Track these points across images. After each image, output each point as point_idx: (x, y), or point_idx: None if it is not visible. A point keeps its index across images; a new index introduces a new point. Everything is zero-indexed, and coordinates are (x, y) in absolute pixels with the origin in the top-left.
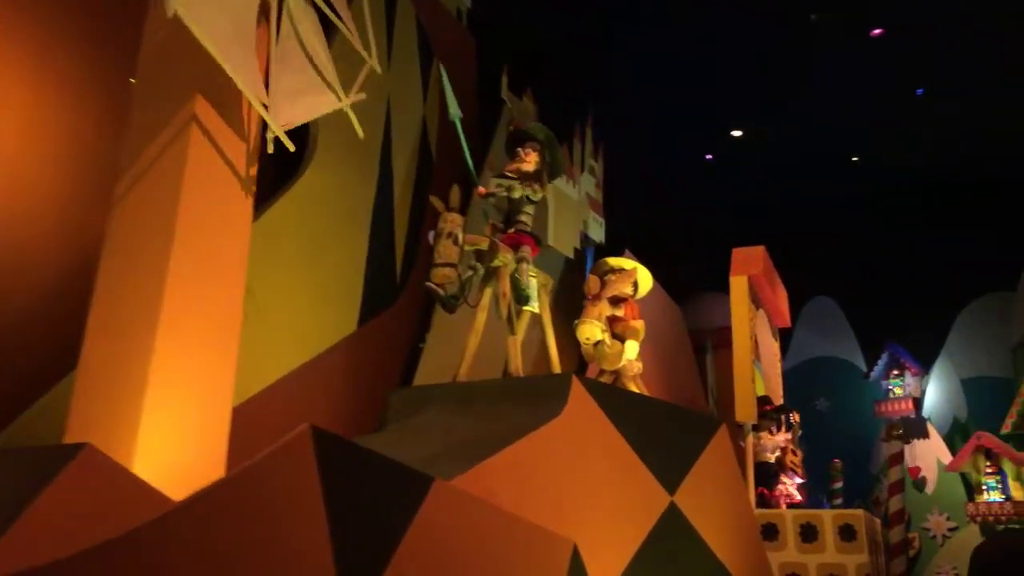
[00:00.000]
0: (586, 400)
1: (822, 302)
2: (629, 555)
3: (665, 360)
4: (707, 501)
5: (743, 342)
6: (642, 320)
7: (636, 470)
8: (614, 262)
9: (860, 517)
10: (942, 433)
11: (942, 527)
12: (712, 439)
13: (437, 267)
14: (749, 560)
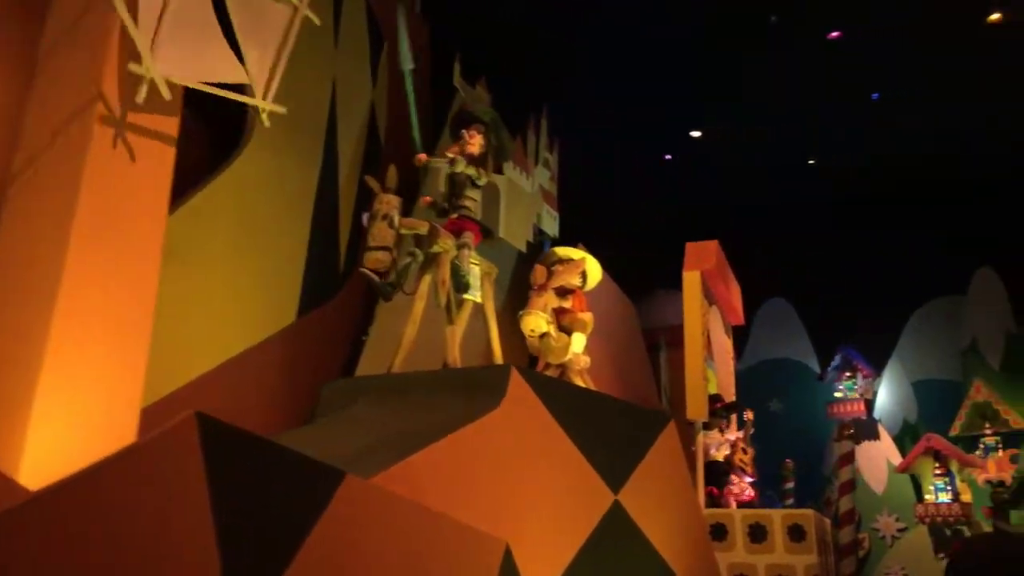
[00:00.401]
0: (526, 393)
1: (777, 304)
2: (570, 556)
3: (618, 357)
4: (653, 500)
5: (695, 338)
6: (590, 313)
7: (578, 467)
8: (562, 252)
9: (810, 517)
10: (892, 435)
11: (891, 528)
12: (660, 436)
13: (370, 251)
14: (696, 561)
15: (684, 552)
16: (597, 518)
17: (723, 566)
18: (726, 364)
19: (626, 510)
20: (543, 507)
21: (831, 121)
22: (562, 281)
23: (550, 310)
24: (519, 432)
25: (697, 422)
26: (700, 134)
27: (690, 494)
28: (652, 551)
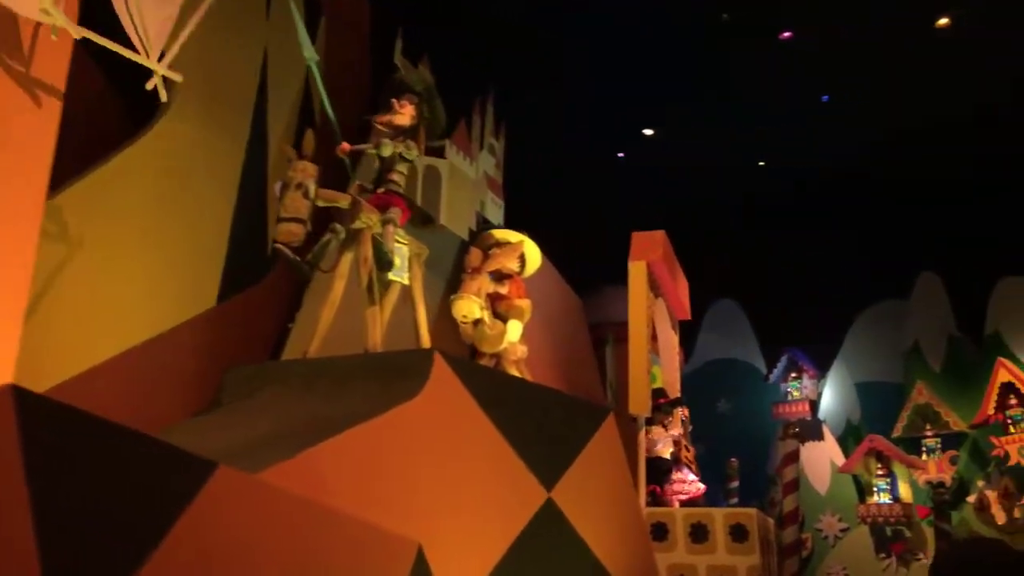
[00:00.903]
0: (450, 380)
1: (725, 305)
2: (496, 558)
3: (562, 351)
4: (590, 498)
5: (639, 330)
6: (528, 300)
7: (508, 462)
8: (499, 235)
9: (752, 516)
10: (836, 435)
11: (834, 528)
12: (598, 431)
13: (282, 222)
14: (634, 562)
15: (622, 553)
16: (527, 517)
17: (663, 567)
18: (672, 359)
19: (560, 509)
20: (467, 505)
21: (781, 123)
22: (498, 265)
23: (484, 295)
24: (441, 423)
25: (640, 417)
26: (652, 133)
27: (630, 492)
28: (587, 552)
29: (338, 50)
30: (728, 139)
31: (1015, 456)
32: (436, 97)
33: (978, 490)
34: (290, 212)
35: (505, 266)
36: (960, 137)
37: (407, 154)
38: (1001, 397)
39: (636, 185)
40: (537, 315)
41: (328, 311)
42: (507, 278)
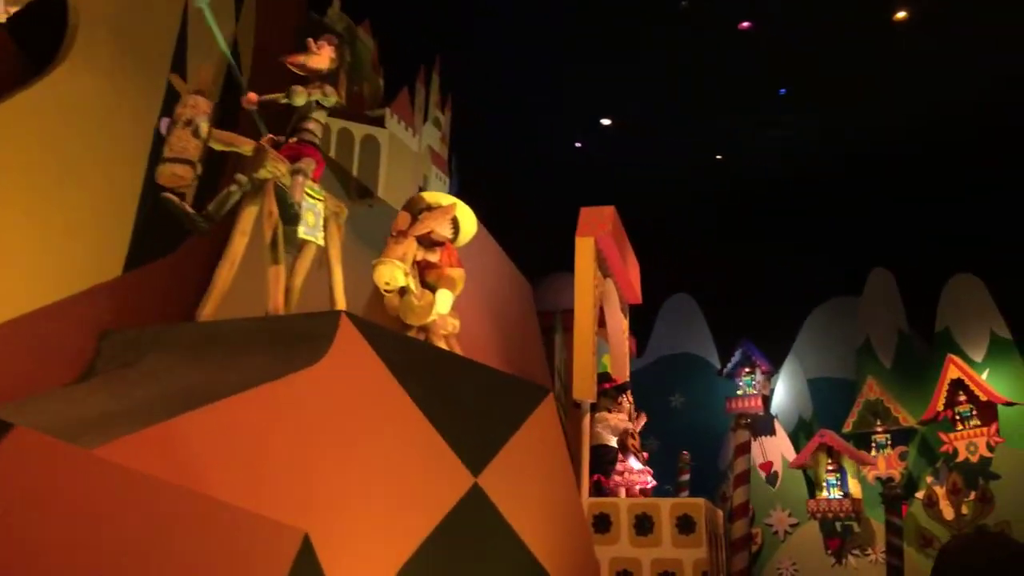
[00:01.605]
0: (359, 347)
1: (681, 299)
2: (410, 550)
3: (509, 336)
4: (523, 485)
5: (586, 310)
6: (462, 269)
7: (428, 443)
8: (431, 197)
9: (700, 507)
10: (788, 431)
11: (784, 523)
12: (534, 413)
13: (165, 163)
14: (572, 556)
15: (557, 545)
16: (450, 504)
17: (605, 561)
18: (620, 343)
19: (488, 496)
20: (378, 489)
21: (739, 115)
22: (427, 229)
23: (411, 262)
24: (346, 395)
25: (584, 402)
26: (610, 123)
27: (568, 480)
28: (518, 544)
29: (274, 13)
30: (686, 131)
31: (963, 452)
32: (359, 39)
33: (927, 486)
34: (175, 151)
35: (436, 231)
36: (915, 134)
37: (324, 101)
38: (950, 394)
39: (592, 175)
40: (483, 297)
41: (226, 271)
42: (438, 245)
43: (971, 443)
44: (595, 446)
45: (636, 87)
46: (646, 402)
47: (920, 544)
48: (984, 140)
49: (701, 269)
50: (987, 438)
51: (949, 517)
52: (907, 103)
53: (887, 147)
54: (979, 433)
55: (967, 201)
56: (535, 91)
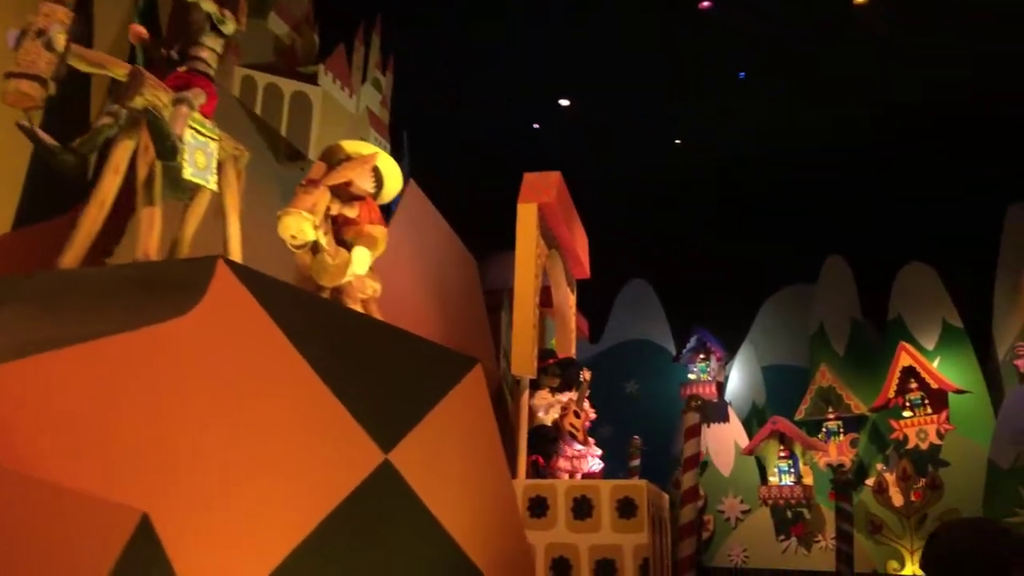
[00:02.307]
0: (239, 300)
1: (638, 285)
2: (301, 533)
3: (454, 313)
4: (443, 463)
5: (527, 279)
6: (384, 227)
7: (329, 413)
8: (350, 147)
9: (642, 489)
10: (741, 418)
11: (736, 509)
12: (459, 384)
13: (10, 78)
14: (500, 539)
15: (484, 529)
16: (353, 483)
17: (541, 547)
18: (567, 318)
19: (400, 474)
20: (257, 464)
21: (699, 100)
22: (344, 179)
23: (323, 214)
24: (222, 354)
25: (523, 379)
26: (568, 103)
27: (496, 459)
28: (436, 527)
29: None
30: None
31: (913, 439)
32: None
33: (877, 473)
34: (23, 66)
35: (356, 184)
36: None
37: (222, 26)
38: (902, 381)
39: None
40: (426, 272)
41: (94, 213)
42: (358, 200)
43: (921, 430)
44: (535, 426)
45: (595, 68)
46: (601, 389)
47: (869, 530)
48: (940, 130)
49: (658, 255)
50: (937, 425)
51: (898, 504)
52: (865, 92)
53: (844, 136)
54: (929, 420)
55: (922, 190)
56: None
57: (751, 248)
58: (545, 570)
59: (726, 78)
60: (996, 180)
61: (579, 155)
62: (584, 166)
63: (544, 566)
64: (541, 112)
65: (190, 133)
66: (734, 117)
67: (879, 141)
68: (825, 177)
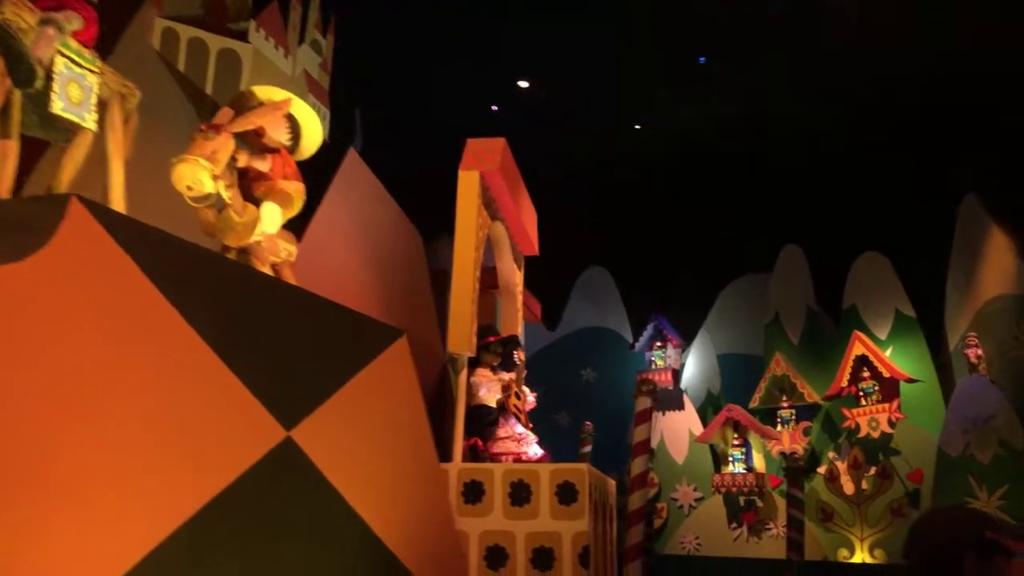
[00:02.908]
0: (97, 244)
1: (596, 272)
2: (181, 517)
3: (396, 289)
4: (359, 444)
5: (467, 250)
6: (301, 184)
7: (213, 380)
8: (263, 93)
9: (583, 473)
10: (696, 405)
11: (689, 497)
12: (379, 356)
13: None
14: (424, 525)
15: (404, 514)
16: (245, 463)
17: (475, 535)
18: (513, 296)
19: (306, 454)
20: (114, 439)
21: (659, 85)
22: (251, 126)
23: (226, 165)
24: (72, 306)
25: (461, 356)
26: (528, 85)
27: (422, 439)
28: (350, 514)
29: None
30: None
31: (865, 428)
32: None
33: (828, 461)
34: None
35: (267, 134)
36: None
37: None
38: (855, 370)
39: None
40: (369, 247)
41: None
42: (271, 153)
43: (873, 419)
44: (473, 407)
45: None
46: (558, 376)
47: (820, 518)
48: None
49: (617, 242)
50: (888, 414)
51: (849, 492)
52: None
53: (803, 124)
54: (881, 409)
55: (879, 180)
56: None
57: (709, 236)
58: (479, 559)
59: (687, 63)
60: (952, 171)
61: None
62: (543, 150)
63: (478, 555)
64: (500, 93)
65: (63, 62)
66: (694, 103)
67: (837, 130)
68: (784, 166)
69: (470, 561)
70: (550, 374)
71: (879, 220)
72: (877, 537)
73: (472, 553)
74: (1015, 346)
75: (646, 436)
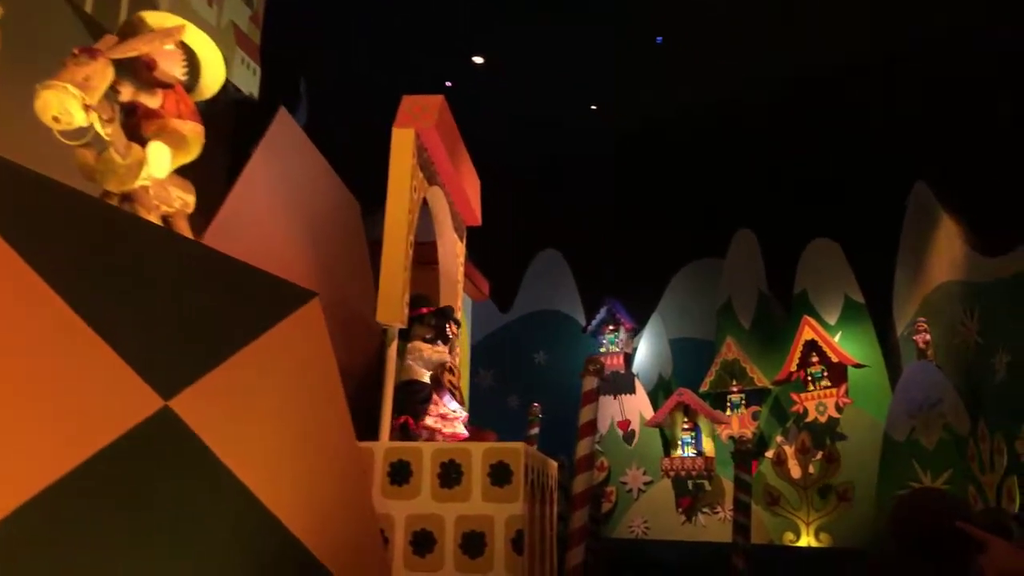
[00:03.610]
0: None
1: (550, 255)
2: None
3: (331, 261)
4: (258, 418)
5: (399, 213)
6: (199, 126)
7: (68, 338)
8: (154, 19)
9: (519, 453)
10: (648, 390)
11: (639, 481)
12: (284, 320)
13: None
14: (334, 507)
15: (310, 495)
16: (111, 435)
17: (401, 519)
18: (452, 267)
19: (190, 427)
20: None
21: (615, 64)
22: (134, 51)
23: (102, 96)
24: None
25: (391, 328)
26: (483, 61)
27: (336, 413)
28: (243, 495)
29: None
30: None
31: (813, 412)
32: None
33: (776, 445)
34: None
35: (160, 67)
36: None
37: None
38: (804, 355)
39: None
40: (301, 214)
41: None
42: (164, 88)
43: (820, 403)
44: (404, 381)
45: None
46: (510, 359)
47: (767, 502)
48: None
49: (571, 225)
50: (836, 399)
51: (796, 476)
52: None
53: (760, 107)
54: (829, 394)
55: (833, 166)
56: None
57: (663, 220)
58: (404, 544)
59: (644, 43)
60: (904, 157)
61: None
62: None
63: (404, 540)
64: (455, 70)
65: None
66: (651, 85)
67: (792, 115)
68: (740, 149)
69: (395, 546)
70: (502, 357)
71: (832, 206)
72: (823, 521)
73: (397, 538)
74: (962, 332)
75: (592, 417)
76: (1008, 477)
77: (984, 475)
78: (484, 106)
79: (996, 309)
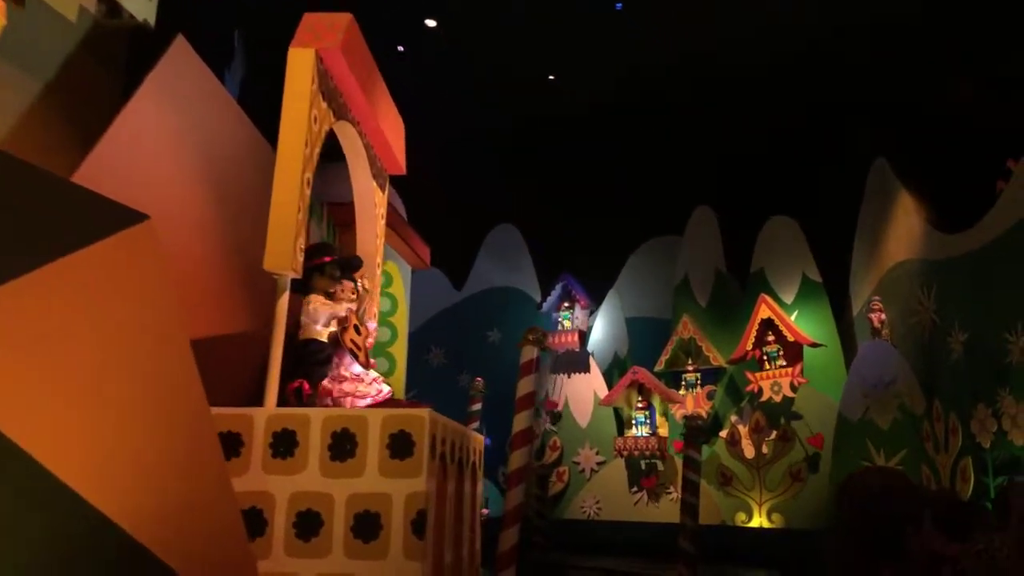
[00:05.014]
0: None
1: (505, 230)
2: None
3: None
4: (51, 371)
5: (293, 144)
6: None
7: None
8: None
9: (422, 420)
10: (603, 369)
11: (591, 461)
12: (94, 246)
13: None
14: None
15: (134, 473)
16: None
17: (283, 498)
18: (370, 218)
19: None
20: None
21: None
22: None
23: None
24: None
25: (282, 277)
26: (435, 24)
27: (181, 369)
28: (29, 466)
29: None
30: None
31: (767, 392)
32: None
33: (730, 425)
34: None
35: None
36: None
37: None
38: (760, 333)
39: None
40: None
41: None
42: None
43: (775, 383)
44: (303, 341)
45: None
46: (464, 337)
47: (720, 482)
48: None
49: (527, 199)
50: (791, 378)
51: (750, 455)
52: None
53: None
54: (784, 373)
55: (791, 143)
56: None
57: (621, 197)
58: (287, 527)
59: (603, 11)
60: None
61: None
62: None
63: (285, 522)
64: (406, 33)
65: None
66: (610, 55)
67: (752, 90)
68: (700, 124)
69: (275, 529)
70: (455, 335)
71: (790, 184)
72: (775, 501)
73: (278, 520)
74: (919, 311)
75: (531, 389)
76: (962, 458)
77: (938, 455)
78: (437, 74)
79: (954, 287)
